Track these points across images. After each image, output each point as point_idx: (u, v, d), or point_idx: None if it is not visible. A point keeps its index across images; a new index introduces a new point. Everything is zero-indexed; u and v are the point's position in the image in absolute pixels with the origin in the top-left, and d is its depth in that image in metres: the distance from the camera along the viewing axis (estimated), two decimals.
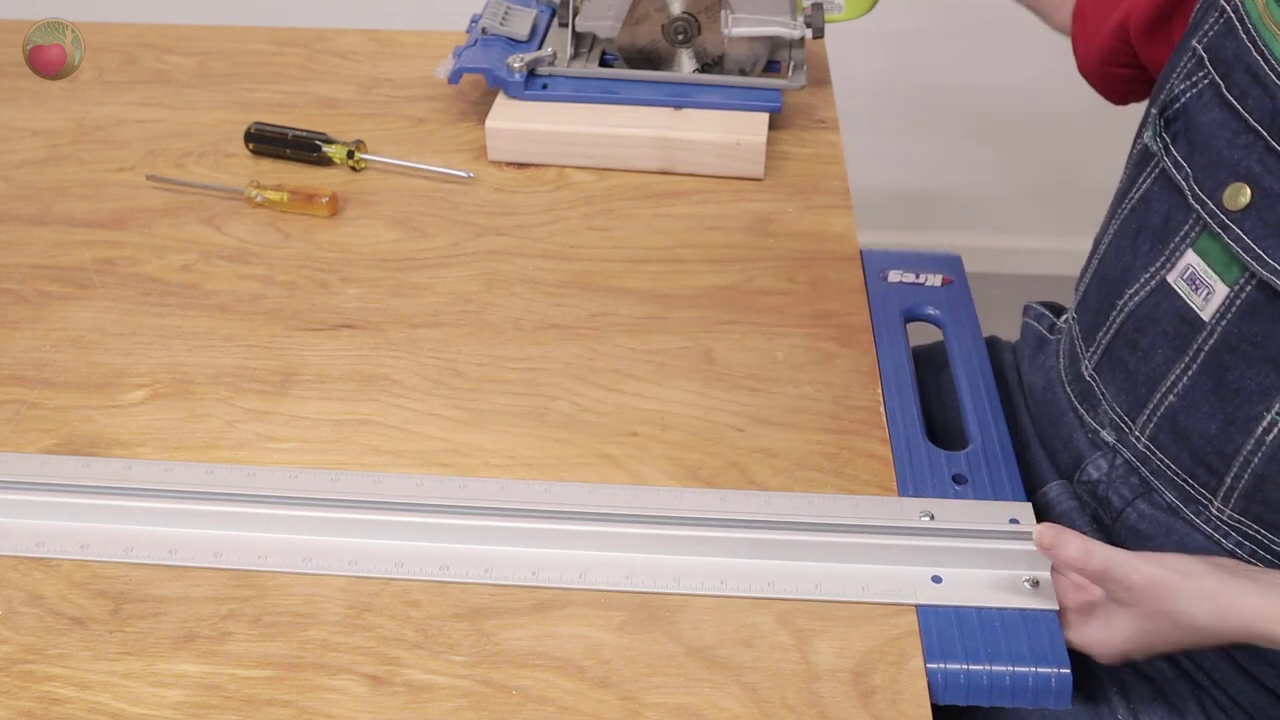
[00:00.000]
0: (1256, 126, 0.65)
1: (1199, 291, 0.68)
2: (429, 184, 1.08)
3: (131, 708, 0.68)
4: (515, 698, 0.68)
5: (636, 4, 1.07)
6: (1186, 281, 0.69)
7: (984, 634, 0.71)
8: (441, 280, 0.97)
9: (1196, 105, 0.69)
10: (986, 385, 0.89)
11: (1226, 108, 0.66)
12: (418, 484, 0.79)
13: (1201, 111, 0.69)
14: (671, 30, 1.09)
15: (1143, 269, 0.73)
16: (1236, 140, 0.66)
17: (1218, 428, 0.70)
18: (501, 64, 1.10)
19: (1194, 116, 0.69)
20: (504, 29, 1.12)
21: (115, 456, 0.82)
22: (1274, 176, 0.64)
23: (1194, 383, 0.71)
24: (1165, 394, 0.72)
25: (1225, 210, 0.66)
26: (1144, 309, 0.73)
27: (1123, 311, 0.75)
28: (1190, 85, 0.70)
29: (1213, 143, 0.67)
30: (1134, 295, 0.73)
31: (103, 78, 1.23)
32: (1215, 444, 0.71)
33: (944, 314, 0.96)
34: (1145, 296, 0.73)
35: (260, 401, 0.86)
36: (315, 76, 1.23)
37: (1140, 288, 0.73)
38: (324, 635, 0.71)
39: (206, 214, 1.04)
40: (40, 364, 0.89)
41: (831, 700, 0.68)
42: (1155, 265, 0.72)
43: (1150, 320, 0.72)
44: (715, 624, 0.72)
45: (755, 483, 0.80)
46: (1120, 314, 0.75)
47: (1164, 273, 0.71)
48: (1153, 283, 0.72)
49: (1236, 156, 0.66)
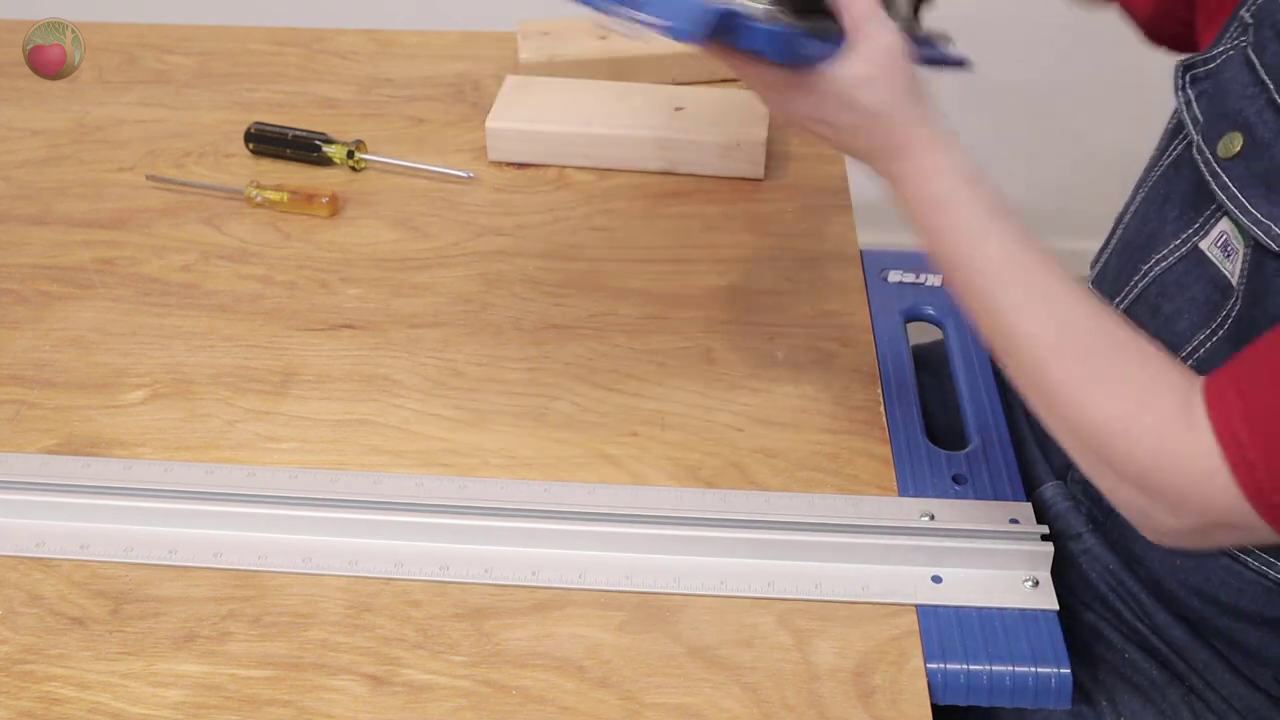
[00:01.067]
0: (1265, 79, 0.66)
1: (1230, 258, 0.69)
2: (429, 184, 1.08)
3: (131, 708, 0.68)
4: (515, 698, 0.68)
5: None
6: (1220, 248, 0.70)
7: (984, 634, 0.71)
8: (441, 280, 0.97)
9: (1227, 65, 0.70)
10: (986, 385, 0.89)
11: (1246, 63, 0.68)
12: (418, 484, 0.79)
13: (1228, 70, 0.70)
14: None
15: (1172, 235, 0.73)
16: (1245, 93, 0.67)
17: None
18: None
19: (1221, 73, 0.70)
20: None
21: (115, 456, 0.82)
22: (1267, 128, 0.65)
23: (1216, 349, 0.70)
24: (1186, 359, 0.72)
25: (1218, 159, 0.68)
26: (1172, 275, 0.73)
27: (1146, 276, 0.74)
28: (1227, 48, 0.71)
29: (1228, 97, 0.69)
30: (1161, 260, 0.73)
31: (103, 78, 1.23)
32: None
33: (944, 314, 0.96)
34: (1175, 263, 0.73)
35: (260, 401, 0.86)
36: (315, 76, 1.23)
37: (1170, 253, 0.73)
38: (324, 635, 0.71)
39: (206, 214, 1.04)
40: (40, 364, 0.89)
41: (831, 700, 0.68)
42: (1188, 231, 0.72)
43: (1178, 286, 0.72)
44: (715, 624, 0.72)
45: (755, 483, 0.80)
46: (1144, 279, 0.75)
47: (1197, 239, 0.71)
48: (1184, 249, 0.72)
49: (1239, 107, 0.67)
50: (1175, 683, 0.76)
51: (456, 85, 1.21)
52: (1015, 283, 0.66)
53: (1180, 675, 0.76)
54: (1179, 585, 0.74)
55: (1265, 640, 0.72)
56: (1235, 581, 0.71)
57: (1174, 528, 0.63)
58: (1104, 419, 0.63)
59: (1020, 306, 0.66)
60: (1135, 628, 0.76)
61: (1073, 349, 0.64)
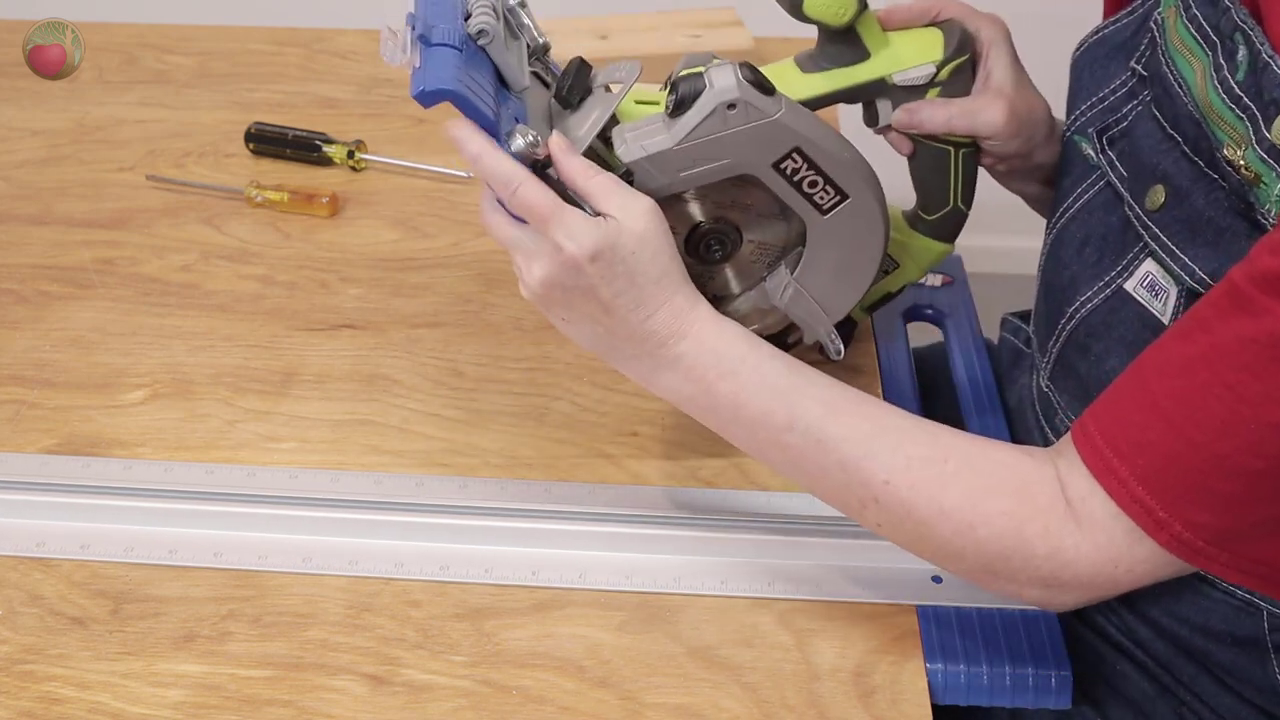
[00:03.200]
0: (1172, 134, 0.68)
1: (1159, 297, 0.70)
2: (429, 184, 1.08)
3: (131, 708, 0.68)
4: (515, 698, 0.68)
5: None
6: (1147, 289, 0.71)
7: (984, 634, 0.71)
8: (441, 280, 0.97)
9: (1139, 122, 0.73)
10: (986, 385, 0.89)
11: (1154, 119, 0.71)
12: (418, 484, 0.79)
13: (1140, 125, 0.72)
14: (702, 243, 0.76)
15: (1094, 277, 0.75)
16: (1159, 148, 0.69)
17: None
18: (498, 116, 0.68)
19: (1134, 131, 0.73)
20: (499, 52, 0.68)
21: (115, 456, 0.82)
22: (1185, 176, 0.67)
23: None
24: None
25: (1147, 212, 0.69)
26: (1098, 315, 0.74)
27: (1073, 319, 0.76)
28: (1136, 104, 0.73)
29: (1143, 153, 0.71)
30: (1086, 302, 0.75)
31: (103, 78, 1.23)
32: None
33: (944, 314, 0.96)
34: (1100, 304, 0.74)
35: (260, 401, 0.86)
36: (315, 76, 1.23)
37: (1094, 295, 0.74)
38: (324, 635, 0.71)
39: (206, 214, 1.04)
40: (40, 364, 0.89)
41: (832, 700, 0.68)
42: (1111, 273, 0.74)
43: (1105, 327, 0.74)
44: (715, 624, 0.72)
45: (755, 483, 0.80)
46: (1070, 321, 0.76)
47: (1121, 280, 0.73)
48: (1108, 290, 0.74)
49: (1156, 161, 0.69)
50: (1166, 695, 0.76)
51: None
52: (850, 431, 0.66)
53: (1170, 689, 0.76)
54: (1152, 604, 0.74)
55: (1238, 660, 0.72)
56: (1204, 601, 0.71)
57: (1083, 599, 0.65)
58: (991, 538, 0.64)
59: (866, 453, 0.65)
60: (1121, 643, 0.76)
61: (931, 479, 0.65)
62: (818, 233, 0.74)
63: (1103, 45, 0.79)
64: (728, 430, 0.70)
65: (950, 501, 0.64)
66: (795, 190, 0.72)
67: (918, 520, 0.65)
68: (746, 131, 0.68)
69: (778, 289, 0.77)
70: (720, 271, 0.78)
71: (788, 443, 0.67)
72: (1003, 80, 0.79)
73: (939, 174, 0.80)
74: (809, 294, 0.77)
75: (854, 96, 0.78)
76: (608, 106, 0.69)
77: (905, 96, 0.78)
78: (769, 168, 0.71)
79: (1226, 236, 0.64)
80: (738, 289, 0.79)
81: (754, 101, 0.68)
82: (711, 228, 0.75)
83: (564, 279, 0.66)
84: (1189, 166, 0.67)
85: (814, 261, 0.76)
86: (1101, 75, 0.77)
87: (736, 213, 0.75)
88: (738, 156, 0.70)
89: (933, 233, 0.83)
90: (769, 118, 0.69)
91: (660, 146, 0.69)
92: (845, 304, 0.78)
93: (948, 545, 0.65)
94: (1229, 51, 0.63)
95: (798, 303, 0.77)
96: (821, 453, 0.66)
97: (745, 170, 0.70)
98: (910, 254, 0.84)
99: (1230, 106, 0.62)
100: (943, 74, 0.78)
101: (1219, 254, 0.65)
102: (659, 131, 0.69)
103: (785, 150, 0.70)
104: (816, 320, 0.78)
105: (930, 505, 0.64)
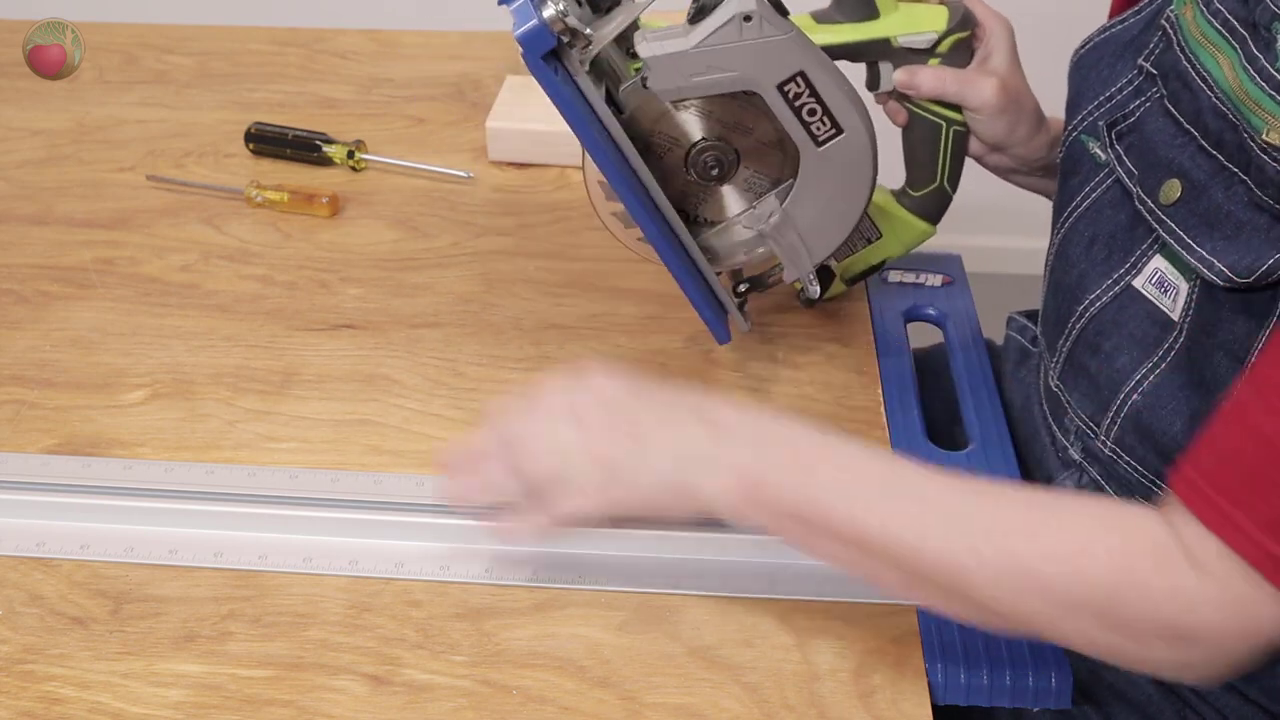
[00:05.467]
0: (1189, 129, 0.69)
1: (1168, 294, 0.71)
2: (429, 184, 1.08)
3: (131, 708, 0.68)
4: (515, 698, 0.68)
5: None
6: (1155, 285, 0.72)
7: (984, 634, 0.71)
8: (441, 280, 0.97)
9: (1148, 118, 0.73)
10: (987, 385, 0.89)
11: (1167, 115, 0.71)
12: (418, 484, 0.79)
13: (1150, 121, 0.73)
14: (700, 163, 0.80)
15: (1103, 275, 0.75)
16: (1174, 142, 0.70)
17: (1183, 422, 0.71)
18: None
19: (1145, 127, 0.73)
20: None
21: (115, 456, 0.82)
22: (1202, 170, 0.68)
23: (1162, 380, 0.72)
24: (1130, 394, 0.73)
25: (1161, 206, 0.70)
26: (1107, 313, 0.74)
27: (1082, 317, 0.76)
28: (1144, 101, 0.74)
29: (1156, 148, 0.71)
30: (1095, 300, 0.75)
31: (103, 78, 1.23)
32: (1181, 439, 0.71)
33: (944, 314, 0.96)
34: (1109, 302, 0.75)
35: (260, 401, 0.86)
36: (315, 76, 1.23)
37: (1103, 293, 0.75)
38: (324, 635, 0.71)
39: (206, 214, 1.04)
40: (40, 364, 0.89)
41: (832, 700, 0.68)
42: (1119, 271, 0.74)
43: (1114, 324, 0.74)
44: (715, 624, 0.72)
45: None
46: (1080, 320, 0.76)
47: (1129, 278, 0.74)
48: (1117, 288, 0.74)
49: (1171, 155, 0.70)
50: (1169, 696, 0.76)
51: (456, 85, 1.21)
52: (929, 514, 0.63)
53: (1172, 689, 0.75)
54: None
55: None
56: None
57: (1218, 660, 0.60)
58: (1099, 575, 0.59)
59: (943, 534, 0.62)
60: None
61: (1023, 532, 0.61)
62: (810, 165, 0.78)
63: (1110, 44, 0.79)
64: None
65: (1048, 546, 0.60)
66: (795, 116, 0.76)
67: (1020, 573, 0.61)
68: (758, 45, 0.73)
69: (765, 214, 0.80)
70: (715, 193, 0.82)
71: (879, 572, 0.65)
72: (999, 65, 0.84)
73: (929, 146, 0.85)
74: (794, 227, 0.80)
75: (859, 53, 0.83)
76: (631, 13, 0.75)
77: (906, 59, 0.83)
78: (774, 88, 0.75)
79: (1247, 230, 0.65)
80: (730, 214, 0.83)
81: (768, 18, 0.73)
82: (712, 144, 0.79)
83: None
84: (1207, 161, 0.68)
85: (803, 194, 0.80)
86: (1109, 74, 0.78)
87: (738, 136, 0.79)
88: (745, 69, 0.74)
89: (917, 209, 0.87)
90: (780, 35, 0.73)
91: (677, 48, 0.74)
92: (827, 245, 0.81)
93: (1052, 591, 0.60)
94: (1265, 41, 0.64)
95: (782, 231, 0.80)
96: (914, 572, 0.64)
97: (751, 86, 0.75)
98: (893, 227, 0.87)
99: (1270, 94, 0.63)
100: (944, 45, 0.82)
101: (1238, 247, 0.65)
102: (678, 35, 0.75)
103: (791, 72, 0.74)
104: (798, 256, 0.81)
105: (1031, 556, 0.61)
